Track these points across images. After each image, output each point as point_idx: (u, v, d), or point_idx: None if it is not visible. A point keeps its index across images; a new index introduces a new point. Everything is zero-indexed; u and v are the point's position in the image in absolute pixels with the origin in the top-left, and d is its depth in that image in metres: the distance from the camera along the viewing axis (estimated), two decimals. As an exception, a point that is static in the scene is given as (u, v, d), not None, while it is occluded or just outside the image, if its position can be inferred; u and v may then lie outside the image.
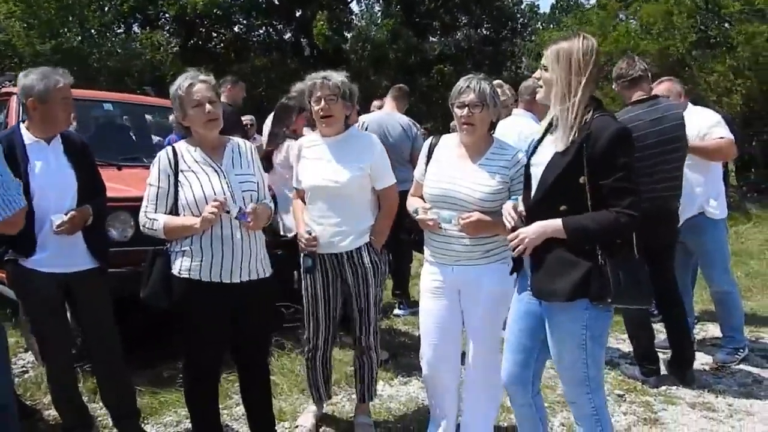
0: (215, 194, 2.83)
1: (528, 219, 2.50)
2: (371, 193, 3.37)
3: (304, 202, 3.42)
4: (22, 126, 3.15)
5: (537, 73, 2.56)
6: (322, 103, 3.20)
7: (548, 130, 2.56)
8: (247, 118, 8.07)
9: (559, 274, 2.42)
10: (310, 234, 3.27)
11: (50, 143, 3.14)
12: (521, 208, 2.54)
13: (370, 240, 3.33)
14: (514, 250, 2.49)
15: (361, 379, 3.52)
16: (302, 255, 3.33)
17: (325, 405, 3.71)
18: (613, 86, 4.28)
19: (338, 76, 3.25)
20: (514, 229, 2.51)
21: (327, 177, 3.24)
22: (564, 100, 2.42)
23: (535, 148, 2.61)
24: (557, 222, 2.40)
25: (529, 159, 2.63)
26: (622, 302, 2.42)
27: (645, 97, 4.09)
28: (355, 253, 3.29)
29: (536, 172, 2.52)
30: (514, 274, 2.96)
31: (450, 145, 3.10)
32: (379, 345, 3.52)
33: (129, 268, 3.66)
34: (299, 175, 3.35)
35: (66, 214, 3.03)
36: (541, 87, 2.54)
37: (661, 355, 4.27)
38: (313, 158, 3.32)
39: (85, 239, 3.15)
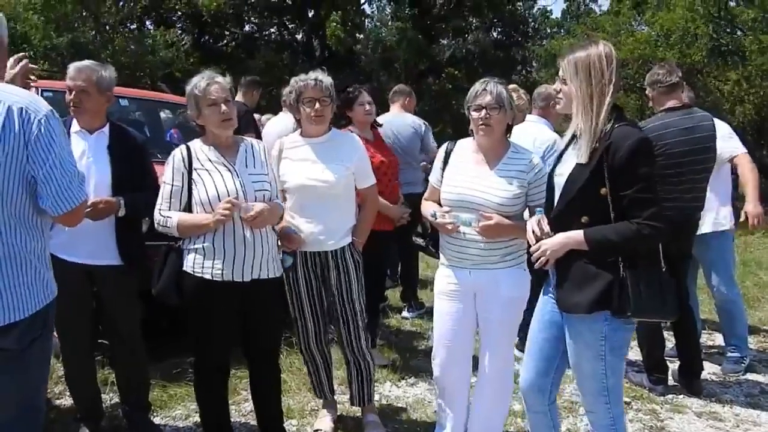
0: (228, 193, 2.87)
1: (551, 230, 2.47)
2: (354, 193, 3.42)
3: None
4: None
5: (556, 85, 2.53)
6: (317, 105, 3.23)
7: (572, 140, 2.51)
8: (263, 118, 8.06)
9: (581, 286, 2.39)
10: (296, 233, 3.25)
11: (93, 134, 3.17)
12: (546, 225, 2.48)
13: (353, 240, 3.37)
14: (536, 262, 2.47)
15: (359, 383, 3.51)
16: (282, 253, 3.30)
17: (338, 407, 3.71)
18: (647, 91, 4.24)
19: (328, 79, 3.28)
20: (537, 241, 2.47)
21: (316, 177, 3.26)
22: (586, 111, 2.38)
23: (560, 158, 2.58)
24: (579, 234, 2.37)
25: (552, 169, 2.59)
26: (643, 315, 2.38)
27: (679, 105, 4.06)
28: (339, 252, 3.33)
29: (559, 182, 2.48)
30: (530, 279, 2.96)
31: (467, 149, 3.09)
32: (369, 347, 3.50)
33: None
34: (282, 175, 3.33)
35: None
36: (561, 98, 2.51)
37: (668, 364, 4.27)
38: (298, 159, 3.33)
39: (117, 235, 3.15)
